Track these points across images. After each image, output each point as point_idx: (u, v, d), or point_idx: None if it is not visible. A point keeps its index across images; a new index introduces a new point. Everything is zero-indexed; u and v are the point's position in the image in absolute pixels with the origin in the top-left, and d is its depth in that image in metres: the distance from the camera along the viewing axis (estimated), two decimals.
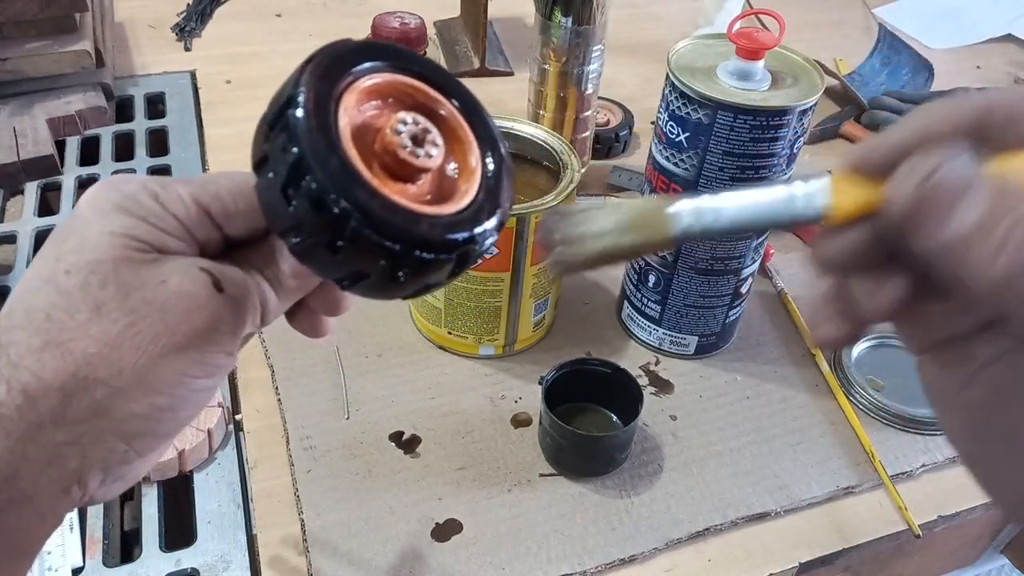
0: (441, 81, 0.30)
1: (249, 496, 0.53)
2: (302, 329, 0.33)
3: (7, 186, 0.77)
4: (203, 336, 0.26)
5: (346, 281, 0.27)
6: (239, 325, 0.28)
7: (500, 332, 0.61)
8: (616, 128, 0.86)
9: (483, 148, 0.30)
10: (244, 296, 0.28)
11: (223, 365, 0.28)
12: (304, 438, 0.56)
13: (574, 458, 0.55)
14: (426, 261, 0.26)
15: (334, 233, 0.25)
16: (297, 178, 0.25)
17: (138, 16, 1.05)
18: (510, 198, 0.30)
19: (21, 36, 0.82)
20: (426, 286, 0.28)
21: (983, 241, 0.19)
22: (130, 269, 0.26)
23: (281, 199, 0.25)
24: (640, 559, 0.51)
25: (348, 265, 0.26)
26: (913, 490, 0.57)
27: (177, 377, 0.26)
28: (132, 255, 0.26)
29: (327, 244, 0.25)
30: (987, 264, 0.18)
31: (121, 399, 0.25)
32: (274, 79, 0.26)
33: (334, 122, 0.26)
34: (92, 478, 0.26)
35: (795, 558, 0.52)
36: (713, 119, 0.51)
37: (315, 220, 0.25)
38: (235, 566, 0.50)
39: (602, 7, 0.70)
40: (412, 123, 0.27)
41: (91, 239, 0.26)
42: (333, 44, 0.28)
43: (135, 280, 0.26)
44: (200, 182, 0.28)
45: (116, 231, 0.26)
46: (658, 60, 0.56)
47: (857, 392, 0.62)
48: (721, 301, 0.61)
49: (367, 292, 0.28)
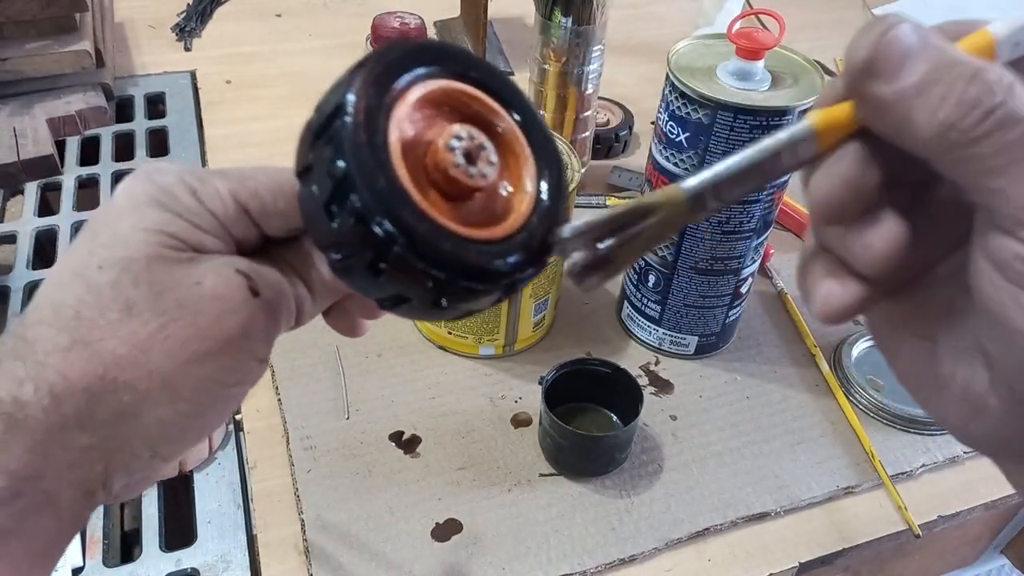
0: (501, 90, 0.28)
1: (249, 496, 0.53)
2: (339, 328, 0.32)
3: (7, 186, 0.77)
4: (235, 342, 0.26)
5: (387, 303, 0.26)
6: (273, 330, 0.27)
7: (500, 332, 0.61)
8: (616, 128, 0.86)
9: (540, 168, 0.28)
10: (279, 300, 0.27)
11: (254, 371, 0.27)
12: (304, 438, 0.56)
13: (574, 458, 0.55)
14: (472, 290, 0.25)
15: (377, 255, 0.24)
16: (342, 195, 0.24)
17: (138, 16, 1.05)
18: (564, 224, 0.27)
19: (21, 36, 0.82)
20: (468, 312, 0.27)
21: (924, 97, 0.20)
22: (164, 268, 0.25)
23: (323, 213, 0.24)
24: (640, 559, 0.51)
25: (389, 288, 0.25)
26: (913, 490, 0.57)
27: (206, 383, 0.25)
28: (167, 253, 0.25)
29: (369, 265, 0.24)
30: (926, 120, 0.20)
31: (148, 403, 0.25)
32: (274, 79, 0.26)
33: (384, 136, 0.24)
34: (116, 481, 0.26)
35: (795, 558, 0.52)
36: (713, 119, 0.51)
37: (358, 240, 0.24)
38: (235, 566, 0.50)
39: (602, 7, 0.70)
40: (467, 138, 0.26)
41: (125, 234, 0.25)
42: (388, 49, 0.26)
43: (169, 280, 0.25)
44: (239, 177, 0.27)
45: (151, 227, 0.25)
46: (658, 60, 0.56)
47: (857, 392, 0.62)
48: (721, 301, 0.61)
49: (407, 314, 0.27)
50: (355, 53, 0.85)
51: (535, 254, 0.27)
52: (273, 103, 0.90)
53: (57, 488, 0.24)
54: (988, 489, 0.57)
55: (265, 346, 0.27)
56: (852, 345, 0.65)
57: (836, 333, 0.67)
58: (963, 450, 0.59)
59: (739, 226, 0.56)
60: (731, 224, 0.56)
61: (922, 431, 0.60)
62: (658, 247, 0.59)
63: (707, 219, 0.56)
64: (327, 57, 0.99)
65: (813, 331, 0.67)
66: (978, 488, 0.57)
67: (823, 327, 0.68)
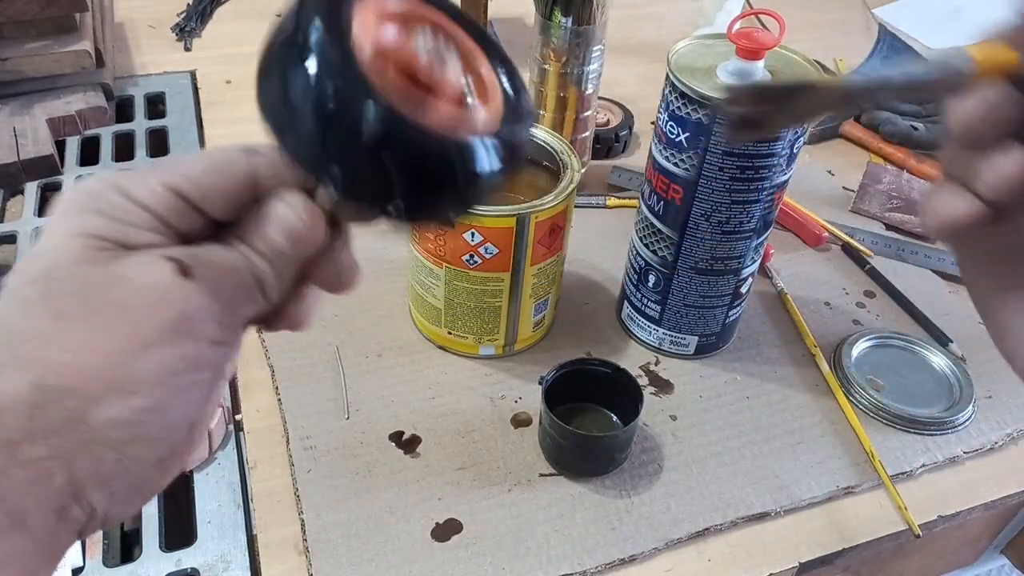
0: (456, 14, 0.29)
1: (249, 496, 0.53)
2: (293, 318, 0.30)
3: (7, 186, 0.77)
4: (175, 328, 0.25)
5: (375, 200, 0.27)
6: (225, 309, 0.26)
7: (500, 332, 0.61)
8: (616, 128, 0.86)
9: (495, 67, 0.29)
10: (223, 277, 0.26)
11: (209, 355, 0.26)
12: (304, 438, 0.56)
13: (574, 458, 0.55)
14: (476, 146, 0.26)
15: (372, 139, 0.25)
16: (322, 88, 0.24)
17: (138, 16, 1.05)
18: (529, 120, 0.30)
19: (21, 36, 0.82)
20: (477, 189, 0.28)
21: None
22: (90, 269, 0.24)
23: (310, 110, 0.25)
24: (640, 559, 0.51)
25: (382, 171, 0.25)
26: (913, 490, 0.57)
27: (155, 375, 0.24)
28: (91, 255, 0.25)
29: (356, 146, 0.25)
30: None
31: (96, 405, 0.24)
32: None
33: (352, 40, 0.25)
34: (93, 494, 0.24)
35: (795, 558, 0.52)
36: (713, 119, 0.51)
37: (348, 127, 0.24)
38: (235, 566, 0.50)
39: (602, 7, 0.70)
40: (431, 38, 0.27)
41: (51, 245, 0.25)
42: None
43: (95, 280, 0.24)
44: (171, 166, 0.27)
45: (74, 231, 0.25)
46: (658, 60, 0.56)
47: (857, 392, 0.62)
48: (721, 301, 0.61)
49: (397, 218, 0.27)
50: None
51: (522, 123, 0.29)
52: None
53: (22, 508, 0.23)
54: (988, 489, 0.57)
55: (217, 327, 0.26)
56: (852, 345, 0.65)
57: (836, 333, 0.67)
58: (963, 450, 0.59)
59: (739, 226, 0.56)
60: (731, 224, 0.56)
61: (922, 431, 0.60)
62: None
63: (707, 219, 0.56)
64: None
65: (813, 331, 0.67)
66: (978, 488, 0.57)
67: (823, 327, 0.68)
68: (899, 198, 0.80)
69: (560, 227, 0.58)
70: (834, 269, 0.75)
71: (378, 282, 0.68)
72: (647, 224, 0.60)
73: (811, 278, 0.74)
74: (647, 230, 0.60)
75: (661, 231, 0.59)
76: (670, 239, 0.58)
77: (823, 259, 0.76)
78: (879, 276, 0.74)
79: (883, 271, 0.74)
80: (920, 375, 0.64)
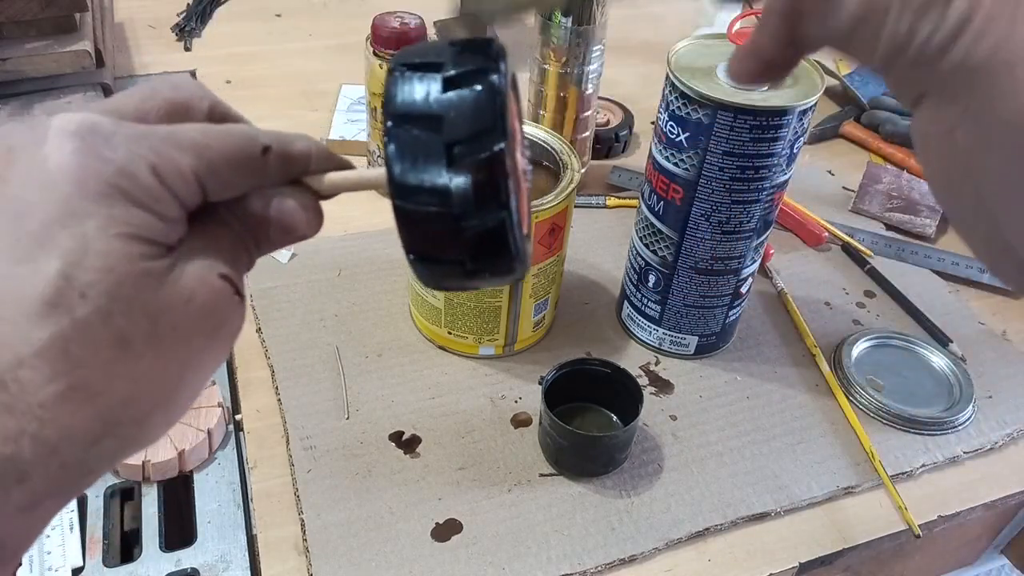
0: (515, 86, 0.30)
1: (249, 496, 0.53)
2: None
3: None
4: (227, 349, 0.25)
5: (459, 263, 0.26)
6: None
7: (500, 332, 0.61)
8: (616, 128, 0.86)
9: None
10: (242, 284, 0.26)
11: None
12: (304, 438, 0.56)
13: (574, 458, 0.55)
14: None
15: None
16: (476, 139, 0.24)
17: (138, 16, 1.05)
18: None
19: (21, 36, 0.82)
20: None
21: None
22: (152, 288, 0.22)
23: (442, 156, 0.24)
24: (640, 559, 0.51)
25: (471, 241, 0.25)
26: (913, 490, 0.57)
27: (195, 393, 0.25)
28: (149, 267, 0.22)
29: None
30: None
31: (144, 429, 0.23)
32: (274, 79, 0.26)
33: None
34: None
35: (795, 558, 0.52)
36: (713, 119, 0.51)
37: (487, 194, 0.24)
38: (235, 566, 0.50)
39: (602, 7, 0.70)
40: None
41: (98, 247, 0.21)
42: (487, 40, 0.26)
43: (159, 302, 0.22)
44: (196, 150, 0.23)
45: (124, 231, 0.21)
46: (658, 60, 0.56)
47: (857, 392, 0.62)
48: (721, 301, 0.61)
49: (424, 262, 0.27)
50: (355, 53, 0.85)
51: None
52: (273, 103, 0.90)
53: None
54: (988, 489, 0.58)
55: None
56: (852, 345, 0.65)
57: (836, 333, 0.67)
58: (963, 450, 0.59)
59: (739, 226, 0.56)
60: (731, 224, 0.56)
61: (922, 431, 0.60)
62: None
63: (707, 219, 0.56)
64: (327, 57, 0.99)
65: (813, 331, 0.67)
66: (978, 488, 0.57)
67: (823, 327, 0.68)
68: (899, 198, 0.80)
69: (560, 227, 0.58)
70: (834, 269, 0.75)
71: (378, 282, 0.68)
72: (647, 224, 0.60)
73: (811, 278, 0.74)
74: (647, 230, 0.60)
75: (661, 231, 0.59)
76: (670, 239, 0.58)
77: (823, 259, 0.76)
78: (879, 276, 0.74)
79: (883, 271, 0.74)
80: (920, 375, 0.64)
